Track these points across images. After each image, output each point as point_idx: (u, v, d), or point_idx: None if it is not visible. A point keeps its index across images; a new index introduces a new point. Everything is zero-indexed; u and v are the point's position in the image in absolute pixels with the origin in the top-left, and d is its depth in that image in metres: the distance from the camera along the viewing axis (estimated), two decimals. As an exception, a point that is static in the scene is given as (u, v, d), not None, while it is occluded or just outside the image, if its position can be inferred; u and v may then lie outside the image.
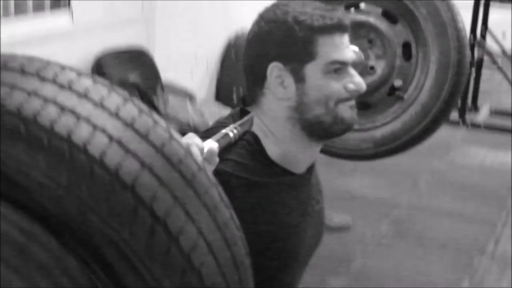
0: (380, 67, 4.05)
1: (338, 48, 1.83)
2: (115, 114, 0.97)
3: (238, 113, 1.95)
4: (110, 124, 0.96)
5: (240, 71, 1.92)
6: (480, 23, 7.34)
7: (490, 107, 7.72)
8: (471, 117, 7.34)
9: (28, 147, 0.93)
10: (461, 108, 7.04)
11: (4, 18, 4.46)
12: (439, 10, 3.84)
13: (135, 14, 5.45)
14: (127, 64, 5.25)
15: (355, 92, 1.85)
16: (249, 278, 1.11)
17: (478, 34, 7.29)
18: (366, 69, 3.95)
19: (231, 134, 1.79)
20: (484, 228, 5.07)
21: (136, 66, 5.30)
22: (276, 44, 1.83)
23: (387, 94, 4.09)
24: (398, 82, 4.06)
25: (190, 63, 5.96)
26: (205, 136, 1.75)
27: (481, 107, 7.68)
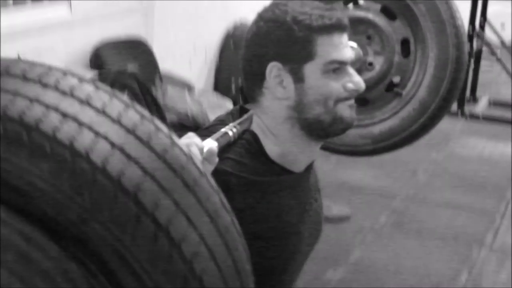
0: (378, 63, 4.04)
1: (337, 47, 1.83)
2: (117, 121, 0.97)
3: (238, 111, 1.95)
4: (112, 131, 0.95)
5: (239, 61, 1.92)
6: (479, 14, 7.33)
7: (489, 98, 7.72)
8: (470, 108, 7.35)
9: (30, 154, 0.92)
10: (460, 99, 7.04)
11: (3, 8, 4.44)
12: (438, 7, 3.84)
13: (134, 4, 5.44)
14: (125, 54, 5.24)
15: (354, 91, 1.86)
16: (250, 283, 1.11)
17: (477, 25, 7.28)
18: (364, 65, 3.94)
19: (230, 133, 1.79)
20: (483, 220, 5.07)
21: (135, 56, 5.30)
22: (275, 44, 1.83)
23: (386, 90, 4.09)
24: (396, 79, 4.06)
25: (188, 53, 5.95)
26: (204, 133, 1.75)
27: (480, 98, 7.69)
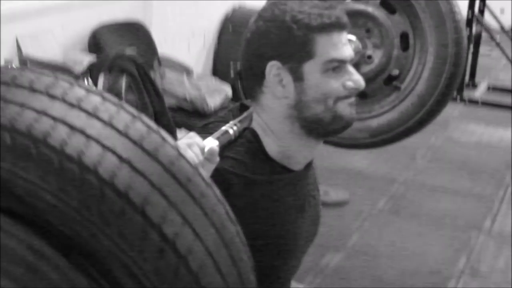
0: (377, 56, 4.04)
1: (336, 46, 1.83)
2: (124, 133, 0.96)
3: (238, 108, 1.96)
4: (119, 144, 0.95)
5: (237, 45, 1.92)
6: (478, -1, 7.31)
7: (488, 84, 7.71)
8: (469, 93, 7.34)
9: (38, 168, 0.92)
10: (459, 84, 7.03)
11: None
12: (437, 2, 3.83)
13: (132, -12, 5.42)
14: (124, 38, 5.23)
15: (354, 90, 1.87)
16: None
17: (476, 9, 7.25)
18: (363, 59, 3.94)
19: (231, 131, 1.81)
20: (482, 205, 5.08)
21: (133, 40, 5.28)
22: (274, 43, 1.83)
23: (384, 84, 4.09)
24: (395, 72, 4.06)
25: (187, 37, 5.93)
26: (205, 131, 1.78)
27: (479, 84, 7.68)
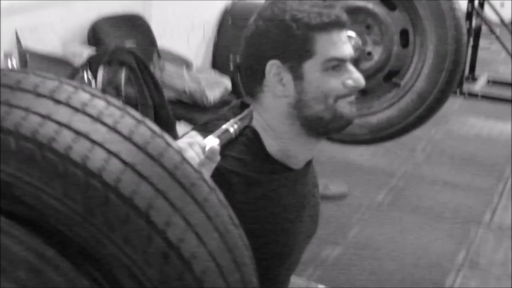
0: (377, 53, 4.04)
1: (336, 45, 1.83)
2: (129, 138, 0.96)
3: (239, 106, 1.95)
4: (124, 149, 0.95)
5: (237, 38, 1.92)
6: (478, -8, 7.29)
7: (488, 77, 7.70)
8: (468, 86, 7.33)
9: (43, 173, 0.91)
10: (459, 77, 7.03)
11: (2, -15, 4.41)
12: (438, -1, 3.83)
13: (132, -20, 5.40)
14: (123, 30, 5.21)
15: (354, 88, 1.87)
16: None
17: (476, 3, 7.24)
18: (363, 55, 3.94)
19: (231, 130, 1.81)
20: (481, 198, 5.07)
21: (133, 32, 5.26)
22: (274, 42, 1.83)
23: (384, 80, 4.08)
24: (395, 69, 4.06)
25: (186, 30, 5.92)
26: (205, 128, 1.79)
27: (479, 77, 7.66)
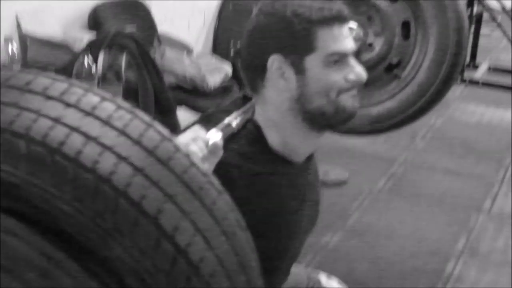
0: (378, 44, 4.04)
1: (337, 39, 1.84)
2: (138, 142, 0.96)
3: (241, 99, 1.96)
4: (133, 153, 0.95)
5: (237, 23, 1.94)
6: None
7: (489, 64, 7.68)
8: (469, 74, 7.31)
9: (53, 177, 0.91)
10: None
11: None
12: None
13: (132, -35, 5.38)
14: (124, 15, 5.20)
15: (356, 82, 1.87)
16: None
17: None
18: (364, 46, 3.93)
19: (233, 124, 1.83)
20: (482, 185, 5.09)
21: (133, 17, 5.25)
22: (275, 37, 1.84)
23: (385, 72, 4.08)
24: (396, 61, 4.06)
25: (187, 15, 5.90)
26: (207, 121, 1.81)
27: (480, 64, 7.65)
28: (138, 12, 5.35)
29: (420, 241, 4.28)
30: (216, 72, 5.14)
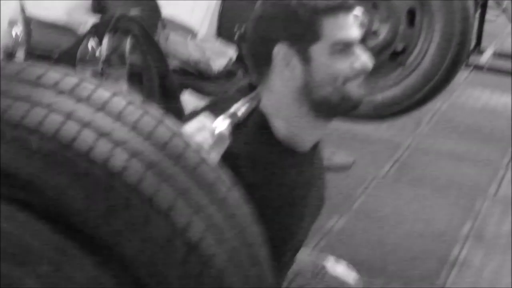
0: (383, 31, 4.02)
1: (343, 28, 1.84)
2: (149, 138, 0.95)
3: (247, 88, 1.95)
4: (145, 149, 0.94)
5: (242, 7, 1.94)
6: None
7: (494, 50, 7.66)
8: (475, 59, 7.29)
9: (65, 173, 0.91)
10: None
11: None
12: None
13: None
14: (127, -1, 5.19)
15: (362, 71, 1.87)
16: None
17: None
18: (369, 33, 3.92)
19: (239, 112, 1.82)
20: (487, 170, 5.08)
21: (137, 1, 5.23)
22: (281, 26, 1.84)
23: (389, 59, 4.07)
24: (400, 48, 4.04)
25: (191, -2, 5.88)
26: (214, 107, 1.82)
27: (485, 49, 7.63)
28: (142, -5, 5.33)
29: (426, 226, 4.28)
30: (220, 56, 5.13)
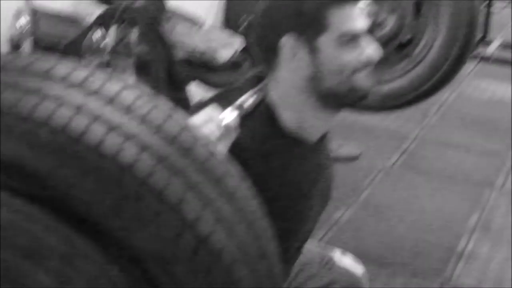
0: (390, 22, 4.01)
1: (350, 19, 1.84)
2: (160, 131, 0.95)
3: (255, 79, 1.95)
4: (155, 142, 0.94)
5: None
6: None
7: (501, 41, 7.65)
8: (481, 50, 7.27)
9: (75, 167, 0.90)
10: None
11: None
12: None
13: None
14: (134, -12, 5.18)
15: (369, 62, 1.88)
16: (281, 284, 1.13)
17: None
18: (376, 24, 3.91)
19: (247, 103, 1.83)
20: (494, 162, 5.08)
21: (143, -9, 5.23)
22: (288, 17, 1.85)
23: (396, 50, 4.06)
24: (407, 39, 4.03)
25: (197, -12, 5.87)
26: (222, 98, 1.82)
27: (492, 41, 7.61)
28: (148, -14, 5.32)
29: (432, 217, 4.28)
30: (227, 46, 5.12)
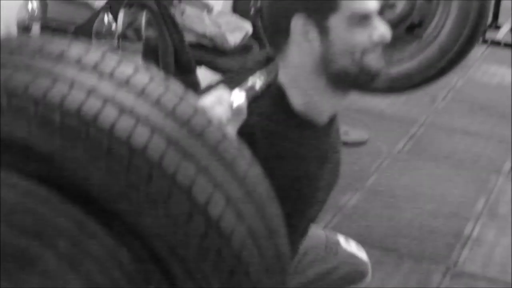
0: (401, 4, 3.99)
1: None
2: (172, 114, 0.96)
3: (265, 59, 1.95)
4: (167, 125, 0.95)
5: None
6: None
7: (511, 25, 7.61)
8: (491, 34, 7.24)
9: (87, 149, 0.91)
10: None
11: None
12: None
13: None
14: (143, -27, 5.17)
15: (380, 42, 1.87)
16: (289, 268, 1.13)
17: None
18: (386, 5, 3.90)
19: (257, 85, 1.81)
20: (502, 147, 5.06)
21: (153, -25, 5.22)
22: None
23: (406, 32, 4.04)
24: (417, 21, 4.01)
25: (207, -27, 5.85)
26: (231, 80, 1.82)
27: (502, 25, 7.57)
28: (157, -30, 5.31)
29: (439, 202, 4.28)
30: (236, 31, 5.11)
